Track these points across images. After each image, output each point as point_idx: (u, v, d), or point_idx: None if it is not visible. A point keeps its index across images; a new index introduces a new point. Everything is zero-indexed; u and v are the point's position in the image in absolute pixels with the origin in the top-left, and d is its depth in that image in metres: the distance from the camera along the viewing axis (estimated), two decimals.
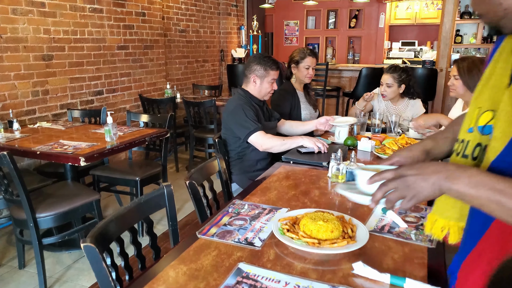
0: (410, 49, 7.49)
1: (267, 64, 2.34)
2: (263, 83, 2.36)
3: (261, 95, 2.40)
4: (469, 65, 2.34)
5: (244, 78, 2.43)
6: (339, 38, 7.22)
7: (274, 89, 2.40)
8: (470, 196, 0.75)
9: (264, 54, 2.49)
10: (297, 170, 1.98)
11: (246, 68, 2.40)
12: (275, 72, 2.38)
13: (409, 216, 1.45)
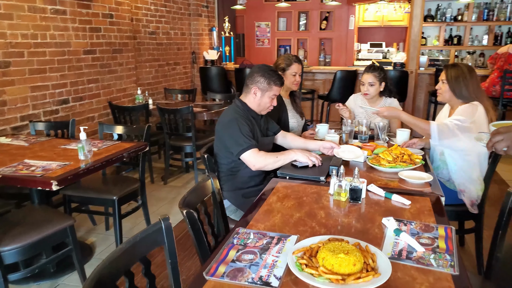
0: (378, 51, 7.61)
1: (271, 78, 2.22)
2: (264, 97, 2.23)
3: (260, 109, 2.27)
4: (457, 72, 2.35)
5: (244, 88, 2.29)
6: (311, 40, 7.21)
7: (273, 105, 2.28)
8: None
9: (269, 66, 2.35)
10: (295, 187, 1.88)
11: (249, 78, 2.26)
12: (278, 89, 2.25)
13: (422, 237, 1.39)
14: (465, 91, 2.32)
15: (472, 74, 2.35)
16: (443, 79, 2.41)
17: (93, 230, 3.18)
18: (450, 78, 2.37)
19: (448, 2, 6.55)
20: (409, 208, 1.64)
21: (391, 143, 2.67)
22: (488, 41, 6.57)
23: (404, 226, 1.47)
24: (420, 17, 5.25)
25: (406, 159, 2.10)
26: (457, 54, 6.86)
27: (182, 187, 4.11)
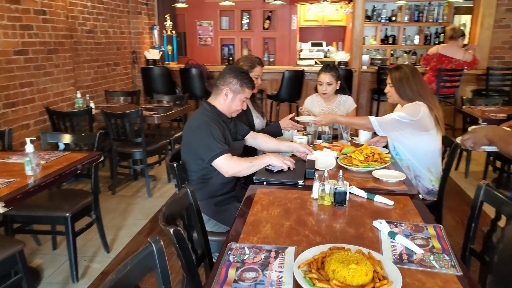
0: (319, 50, 7.80)
1: (244, 80, 2.12)
2: (235, 99, 2.12)
3: (230, 111, 2.16)
4: (400, 74, 2.44)
5: (214, 89, 2.16)
6: (254, 39, 7.19)
7: (243, 108, 2.18)
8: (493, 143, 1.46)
9: (241, 68, 2.25)
10: (276, 192, 1.81)
11: (220, 79, 2.14)
12: (250, 92, 2.17)
13: (416, 238, 1.39)
14: (409, 92, 2.40)
15: (414, 75, 2.44)
16: (389, 83, 2.50)
17: (38, 251, 2.86)
18: (394, 81, 2.46)
19: (383, 3, 6.89)
20: (393, 208, 1.65)
21: (354, 142, 2.71)
22: (419, 41, 7.03)
23: (395, 228, 1.47)
24: (362, 17, 5.45)
25: (377, 158, 2.13)
26: (393, 53, 7.26)
27: (132, 196, 3.87)
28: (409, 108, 2.38)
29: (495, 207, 1.61)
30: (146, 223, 3.28)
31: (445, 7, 6.74)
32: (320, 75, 3.00)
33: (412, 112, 2.35)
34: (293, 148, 2.28)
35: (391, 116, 2.40)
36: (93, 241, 2.95)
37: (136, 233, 3.12)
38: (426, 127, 2.37)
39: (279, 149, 2.34)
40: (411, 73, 2.45)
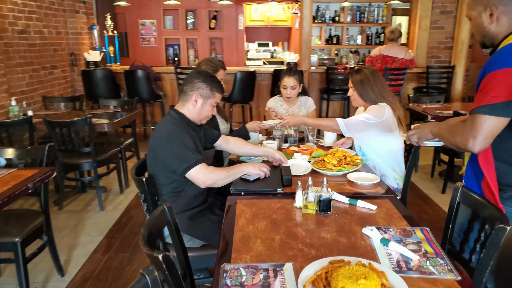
0: (265, 50, 7.82)
1: (213, 85, 2.00)
2: (206, 105, 2.00)
3: (200, 118, 2.04)
4: (361, 77, 2.47)
5: (181, 96, 2.02)
6: (200, 39, 7.03)
7: (213, 114, 2.07)
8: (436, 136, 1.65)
9: (208, 72, 2.13)
10: (257, 203, 1.73)
11: (187, 84, 2.00)
12: (220, 96, 2.06)
13: (408, 243, 1.39)
14: (371, 94, 2.45)
15: (375, 77, 2.48)
16: (351, 86, 2.51)
17: None
18: (356, 84, 2.48)
19: (326, 4, 7.06)
20: (377, 213, 1.64)
21: (320, 144, 2.71)
22: (361, 41, 7.30)
23: (385, 233, 1.46)
24: (310, 18, 5.52)
25: (349, 161, 2.13)
26: (337, 53, 7.47)
27: (82, 211, 3.58)
28: (374, 110, 2.42)
29: (471, 208, 1.67)
30: (102, 239, 3.05)
31: (384, 8, 7.07)
32: (284, 78, 2.98)
33: (377, 113, 2.39)
34: (268, 153, 2.21)
35: (357, 117, 2.42)
36: (44, 264, 2.68)
37: (92, 251, 2.88)
38: (390, 128, 2.42)
39: (254, 154, 2.27)
40: (371, 75, 2.48)
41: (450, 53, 5.74)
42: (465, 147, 1.42)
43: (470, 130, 1.40)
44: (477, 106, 1.39)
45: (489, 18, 1.48)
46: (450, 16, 5.62)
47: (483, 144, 1.39)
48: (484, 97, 1.37)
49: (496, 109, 1.35)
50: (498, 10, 1.45)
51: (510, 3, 1.44)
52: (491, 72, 1.37)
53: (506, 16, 1.45)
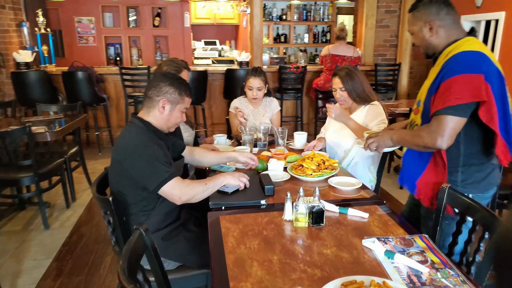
0: (213, 49, 7.62)
1: (182, 88, 1.79)
2: (174, 111, 1.80)
3: (168, 126, 1.83)
4: (348, 71, 2.41)
5: (145, 102, 1.79)
6: (144, 38, 6.65)
7: (183, 120, 1.87)
8: (397, 143, 1.75)
9: (175, 74, 1.91)
10: (243, 218, 1.58)
11: (152, 89, 1.77)
12: (189, 100, 1.86)
13: (411, 254, 1.32)
14: (362, 92, 2.40)
15: (358, 70, 2.45)
16: (340, 87, 2.41)
17: None
18: (346, 81, 2.39)
19: (273, 2, 7.02)
20: (370, 221, 1.57)
21: (290, 147, 2.61)
22: (308, 39, 7.36)
23: (386, 244, 1.38)
24: (260, 16, 5.42)
25: (327, 165, 2.05)
26: (285, 51, 7.47)
27: (24, 231, 3.18)
28: (378, 111, 2.36)
29: (459, 209, 1.65)
30: (51, 263, 2.71)
31: (330, 7, 7.18)
32: (249, 79, 2.84)
33: (382, 113, 2.37)
34: (232, 159, 2.07)
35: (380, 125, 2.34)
36: None
37: (40, 278, 2.55)
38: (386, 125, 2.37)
39: (220, 162, 2.11)
40: (355, 69, 2.44)
41: (395, 51, 5.95)
42: (434, 146, 1.56)
43: (437, 129, 1.54)
44: (441, 108, 1.53)
45: (429, 31, 1.66)
46: (394, 15, 5.81)
47: (450, 141, 1.55)
48: (448, 99, 1.51)
49: (459, 110, 1.51)
50: (436, 24, 1.64)
51: (445, 17, 1.64)
52: (451, 77, 1.52)
53: (444, 29, 1.64)
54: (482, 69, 1.50)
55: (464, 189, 1.67)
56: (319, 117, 5.76)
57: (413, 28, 1.72)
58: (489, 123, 1.52)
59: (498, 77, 1.56)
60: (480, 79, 1.49)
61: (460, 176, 1.68)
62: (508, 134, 1.60)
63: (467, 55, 1.54)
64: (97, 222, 3.31)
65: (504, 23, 3.92)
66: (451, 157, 1.64)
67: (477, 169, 1.66)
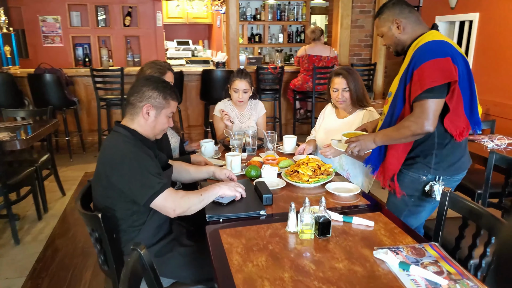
0: (186, 48, 7.45)
1: (166, 92, 1.68)
2: (160, 116, 1.68)
3: (154, 133, 1.71)
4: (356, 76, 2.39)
5: (128, 108, 1.67)
6: (114, 38, 6.38)
7: (170, 126, 1.75)
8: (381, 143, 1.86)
9: (159, 77, 1.79)
10: (245, 232, 1.49)
11: (134, 94, 1.65)
12: (175, 104, 1.74)
13: (426, 264, 1.28)
14: (361, 95, 2.38)
15: (359, 75, 2.43)
16: (343, 88, 2.36)
17: None
18: (351, 80, 2.35)
19: (247, 1, 6.93)
20: (376, 229, 1.52)
21: (280, 151, 2.54)
22: (283, 39, 7.32)
23: (397, 255, 1.33)
24: (237, 16, 5.33)
25: (323, 170, 1.99)
26: (260, 51, 7.40)
27: None
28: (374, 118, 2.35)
29: (461, 214, 1.63)
30: (25, 282, 2.52)
31: (303, 7, 7.17)
32: (235, 81, 2.74)
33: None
34: (210, 174, 1.97)
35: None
36: None
37: None
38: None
39: (199, 177, 1.99)
40: (358, 75, 2.41)
41: (370, 51, 6.01)
42: (423, 131, 1.67)
43: (421, 115, 1.66)
44: (420, 93, 1.64)
45: (397, 29, 1.82)
46: (369, 15, 5.87)
47: (435, 122, 1.67)
48: (424, 83, 1.63)
49: (436, 92, 1.64)
50: (402, 22, 1.80)
51: (409, 15, 1.81)
52: (421, 64, 1.66)
53: (409, 25, 1.81)
54: (448, 53, 1.65)
55: (436, 171, 1.81)
56: (297, 118, 5.74)
57: (382, 30, 1.88)
58: (449, 101, 1.68)
59: (463, 61, 1.71)
60: (449, 62, 1.64)
61: (434, 159, 1.80)
62: (473, 112, 1.76)
63: (432, 43, 1.70)
64: (73, 234, 3.12)
65: (478, 24, 4.02)
66: (426, 138, 1.78)
67: (449, 153, 1.80)
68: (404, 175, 1.89)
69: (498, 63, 3.86)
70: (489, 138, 2.73)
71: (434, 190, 1.82)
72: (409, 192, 1.90)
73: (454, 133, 1.76)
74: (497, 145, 2.62)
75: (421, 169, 1.83)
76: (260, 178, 2.02)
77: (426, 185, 1.84)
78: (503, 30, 3.75)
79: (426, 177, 1.83)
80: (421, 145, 1.82)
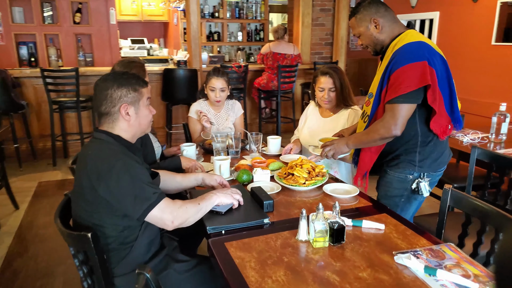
0: (141, 47, 7.12)
1: (131, 82, 1.49)
2: (140, 110, 1.50)
3: (143, 129, 1.55)
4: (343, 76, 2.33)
5: (103, 119, 1.48)
6: (63, 36, 5.91)
7: (153, 113, 1.58)
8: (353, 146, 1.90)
9: (115, 72, 1.62)
10: (253, 244, 1.37)
11: (104, 100, 1.46)
12: (147, 88, 1.56)
13: (450, 267, 1.23)
14: (347, 94, 2.32)
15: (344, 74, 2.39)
16: (330, 87, 2.30)
17: None
18: (339, 80, 2.30)
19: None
20: (387, 232, 1.46)
21: (265, 153, 2.44)
22: (242, 37, 7.21)
23: (417, 258, 1.28)
24: (197, 13, 5.14)
25: (317, 171, 1.91)
26: (219, 50, 7.23)
27: None
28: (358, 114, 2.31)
29: (465, 211, 1.62)
30: None
31: (262, 5, 7.10)
32: (211, 80, 2.59)
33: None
34: (199, 181, 1.81)
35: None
36: None
37: None
38: None
39: (188, 185, 1.82)
40: (344, 73, 2.37)
41: (330, 49, 6.06)
42: (390, 135, 1.70)
43: (391, 119, 1.69)
44: (393, 97, 1.66)
45: (375, 28, 1.81)
46: (329, 13, 5.91)
47: (403, 127, 1.69)
48: (398, 88, 1.65)
49: (410, 97, 1.66)
50: (380, 20, 1.79)
51: (385, 13, 1.81)
52: (398, 68, 1.66)
53: (387, 24, 1.80)
54: (425, 56, 1.66)
55: (421, 168, 1.82)
56: (263, 117, 5.66)
57: (359, 30, 1.85)
58: (433, 103, 1.68)
59: (441, 61, 1.72)
60: (425, 65, 1.64)
61: (418, 157, 1.82)
62: (453, 111, 1.79)
63: (410, 46, 1.69)
64: (33, 252, 2.81)
65: (439, 22, 4.16)
66: (410, 138, 1.80)
67: (432, 150, 1.82)
68: (391, 177, 1.89)
69: (458, 60, 4.02)
70: (462, 133, 2.80)
71: (421, 187, 1.83)
72: (398, 193, 1.89)
73: (438, 132, 1.78)
74: (471, 139, 2.70)
75: (406, 168, 1.83)
76: (252, 182, 1.90)
77: (413, 183, 1.85)
78: (462, 28, 3.92)
79: (412, 175, 1.84)
80: (404, 145, 1.82)
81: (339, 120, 2.37)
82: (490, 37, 3.67)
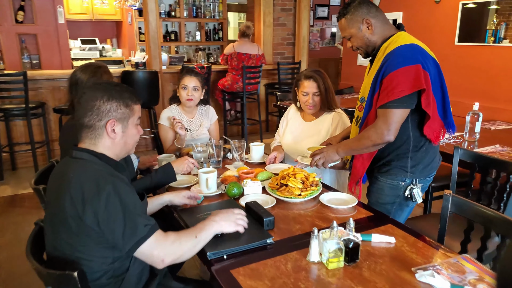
0: (92, 48, 6.71)
1: (125, 97, 1.32)
2: (128, 128, 1.33)
3: (127, 149, 1.38)
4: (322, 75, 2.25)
5: (84, 132, 1.30)
6: (4, 36, 5.38)
7: (141, 133, 1.40)
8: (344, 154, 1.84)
9: (109, 83, 1.42)
10: (261, 269, 1.24)
11: (87, 113, 1.27)
12: (139, 107, 1.39)
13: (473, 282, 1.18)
14: (331, 98, 2.25)
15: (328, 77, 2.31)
16: (315, 92, 2.21)
17: None
18: (323, 84, 2.21)
19: None
20: (398, 245, 1.38)
21: (248, 161, 2.30)
22: (201, 37, 7.00)
23: (437, 274, 1.21)
24: (156, 12, 4.88)
25: (311, 181, 1.81)
26: (177, 50, 6.97)
27: None
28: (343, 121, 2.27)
29: (467, 217, 1.59)
30: None
31: (219, 4, 6.93)
32: (184, 78, 2.42)
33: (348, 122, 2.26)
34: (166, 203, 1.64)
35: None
36: None
37: None
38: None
39: (151, 211, 1.60)
40: (327, 76, 2.29)
41: (292, 49, 6.03)
42: (383, 140, 1.65)
43: (384, 124, 1.63)
44: (386, 102, 1.61)
45: (368, 29, 1.74)
46: (290, 13, 5.87)
47: (396, 132, 1.65)
48: (392, 93, 1.60)
49: (404, 102, 1.61)
50: (372, 21, 1.73)
51: (377, 14, 1.75)
52: (392, 72, 1.61)
53: (378, 24, 1.74)
54: (419, 59, 1.61)
55: (413, 174, 1.78)
56: (228, 120, 5.51)
57: (350, 31, 1.77)
58: (427, 108, 1.64)
59: (434, 64, 1.68)
60: (418, 69, 1.59)
61: (410, 162, 1.77)
62: (446, 115, 1.76)
63: (403, 49, 1.64)
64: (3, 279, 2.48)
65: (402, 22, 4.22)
66: (402, 143, 1.75)
67: (423, 155, 1.77)
68: (383, 183, 1.84)
69: None
70: None
71: (414, 194, 1.80)
72: (390, 200, 1.85)
73: (432, 137, 1.75)
74: (447, 139, 2.73)
75: (398, 174, 1.79)
76: (243, 196, 1.77)
77: (405, 190, 1.81)
78: (426, 28, 4.01)
79: (404, 181, 1.80)
80: (396, 150, 1.78)
81: (323, 124, 2.29)
82: (454, 38, 3.78)
